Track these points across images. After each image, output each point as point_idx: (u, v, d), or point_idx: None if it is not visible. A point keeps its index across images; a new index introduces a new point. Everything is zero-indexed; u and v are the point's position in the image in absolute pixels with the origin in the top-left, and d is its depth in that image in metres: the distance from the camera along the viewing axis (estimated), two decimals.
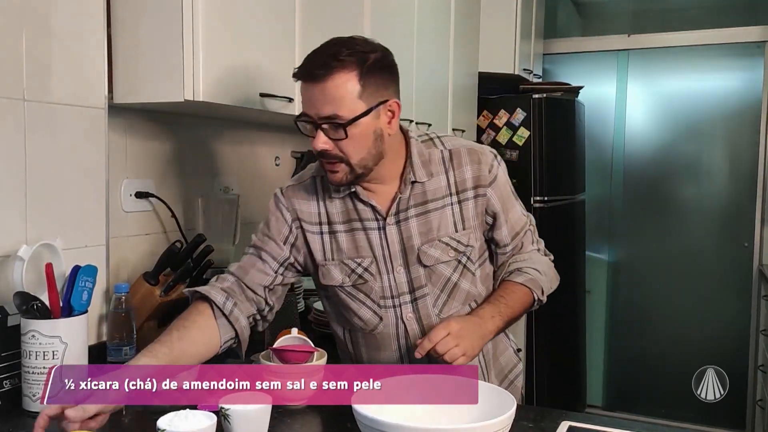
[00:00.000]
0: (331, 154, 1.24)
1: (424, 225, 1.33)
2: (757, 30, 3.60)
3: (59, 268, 1.35)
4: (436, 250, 1.32)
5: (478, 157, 1.35)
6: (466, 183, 1.34)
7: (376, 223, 1.33)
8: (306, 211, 1.37)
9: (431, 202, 1.33)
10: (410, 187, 1.32)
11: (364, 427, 1.01)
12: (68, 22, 1.45)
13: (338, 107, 1.19)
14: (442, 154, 1.35)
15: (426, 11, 2.67)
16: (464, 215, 1.34)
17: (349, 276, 1.34)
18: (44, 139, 1.42)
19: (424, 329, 1.34)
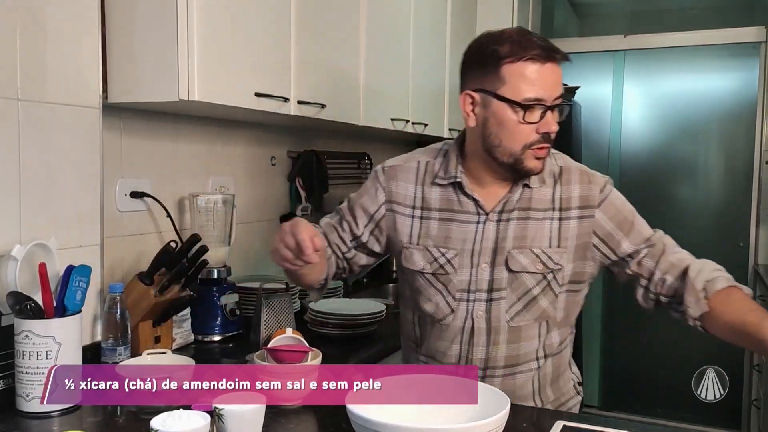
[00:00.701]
0: (551, 138, 1.25)
1: (521, 230, 1.30)
2: (753, 30, 3.60)
3: (53, 267, 1.34)
4: (525, 258, 1.29)
5: (589, 178, 1.32)
6: (571, 201, 1.30)
7: (476, 218, 1.31)
8: (402, 193, 1.37)
9: (533, 210, 1.30)
10: (521, 190, 1.30)
11: (358, 427, 1.01)
12: (62, 21, 1.45)
13: (561, 89, 1.25)
14: (552, 169, 1.32)
15: (422, 11, 2.67)
16: (562, 234, 1.30)
17: (431, 264, 1.33)
18: (38, 139, 1.41)
19: (491, 331, 1.31)
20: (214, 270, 1.83)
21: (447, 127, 2.97)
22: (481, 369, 1.32)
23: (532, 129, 1.22)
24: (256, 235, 2.29)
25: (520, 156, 1.24)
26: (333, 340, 1.83)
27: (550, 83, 1.22)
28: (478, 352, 1.32)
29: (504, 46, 1.22)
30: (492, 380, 1.32)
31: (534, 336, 1.33)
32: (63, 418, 1.24)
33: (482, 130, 1.27)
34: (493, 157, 1.27)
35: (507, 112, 1.22)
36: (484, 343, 1.32)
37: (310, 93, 1.90)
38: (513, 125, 1.22)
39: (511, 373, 1.33)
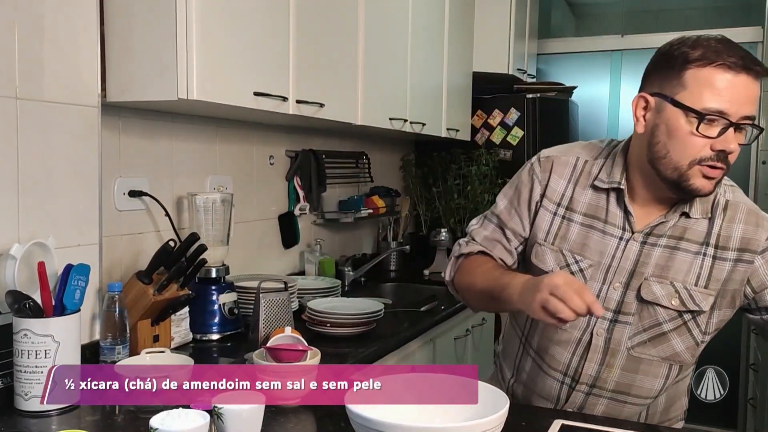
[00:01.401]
0: (728, 159, 1.11)
1: (665, 260, 1.20)
2: (750, 31, 3.61)
3: (52, 266, 1.34)
4: (661, 289, 1.19)
5: (757, 219, 1.19)
6: (730, 241, 1.18)
7: (621, 233, 1.22)
8: (553, 188, 1.28)
9: (685, 241, 1.20)
10: (677, 217, 1.20)
11: (357, 426, 1.01)
12: (61, 20, 1.45)
13: (754, 109, 1.10)
14: (718, 200, 1.20)
15: (420, 11, 2.67)
16: (712, 274, 1.18)
17: (562, 268, 1.24)
18: (37, 138, 1.41)
19: (608, 352, 1.24)
20: (213, 269, 1.83)
21: (445, 126, 2.98)
22: (589, 386, 1.26)
23: (706, 144, 1.10)
24: (255, 234, 2.29)
25: (686, 172, 1.12)
26: (332, 339, 1.83)
27: (739, 97, 1.08)
28: (589, 369, 1.26)
29: (696, 49, 1.10)
30: (597, 398, 1.27)
31: (658, 375, 1.25)
32: (62, 417, 1.24)
33: (650, 137, 1.16)
34: (656, 170, 1.16)
35: (680, 120, 1.11)
36: (597, 361, 1.25)
37: (308, 92, 1.90)
38: (684, 135, 1.10)
39: (620, 400, 1.27)
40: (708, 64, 1.08)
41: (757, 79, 1.09)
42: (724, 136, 1.09)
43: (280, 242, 2.43)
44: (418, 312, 2.24)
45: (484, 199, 3.18)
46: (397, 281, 2.90)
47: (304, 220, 2.55)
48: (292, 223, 2.45)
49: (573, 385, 1.28)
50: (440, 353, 2.30)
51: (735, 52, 1.08)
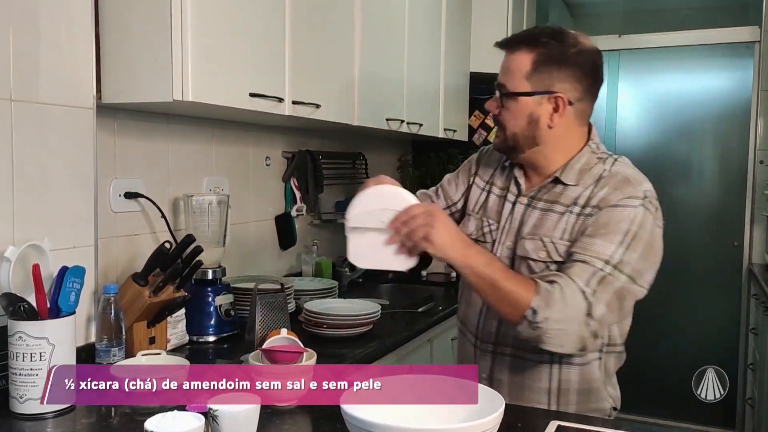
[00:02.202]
0: (496, 119, 1.35)
1: (540, 221, 1.33)
2: (747, 30, 3.61)
3: (47, 269, 1.34)
4: (531, 245, 1.31)
5: (624, 185, 1.26)
6: (592, 200, 1.28)
7: (514, 198, 1.39)
8: (485, 169, 1.49)
9: (559, 205, 1.31)
10: (552, 184, 1.34)
11: (352, 428, 1.00)
12: (56, 21, 1.44)
13: (507, 79, 1.31)
14: (602, 172, 1.31)
15: (417, 11, 2.67)
16: (575, 228, 1.27)
17: (477, 231, 1.42)
18: (32, 139, 1.41)
19: None
20: (209, 270, 1.83)
21: (442, 127, 2.97)
22: (492, 343, 1.37)
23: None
24: (251, 235, 2.29)
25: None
26: (328, 341, 1.83)
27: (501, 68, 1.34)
28: (490, 325, 1.37)
29: None
30: (503, 358, 1.36)
31: None
32: (57, 420, 1.24)
33: None
34: None
35: None
36: (497, 317, 1.35)
37: (304, 93, 1.90)
38: None
39: (520, 357, 1.34)
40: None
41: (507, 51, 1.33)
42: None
43: (277, 243, 2.43)
44: (415, 313, 2.24)
45: None
46: (394, 282, 2.90)
47: (301, 221, 2.55)
48: (289, 224, 2.45)
49: (482, 346, 1.39)
50: (437, 354, 2.29)
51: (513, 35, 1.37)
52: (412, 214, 1.20)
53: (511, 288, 1.20)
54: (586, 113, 1.35)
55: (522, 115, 1.30)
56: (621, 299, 1.23)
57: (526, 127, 1.30)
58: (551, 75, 1.27)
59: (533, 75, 1.27)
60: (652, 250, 1.26)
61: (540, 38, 1.29)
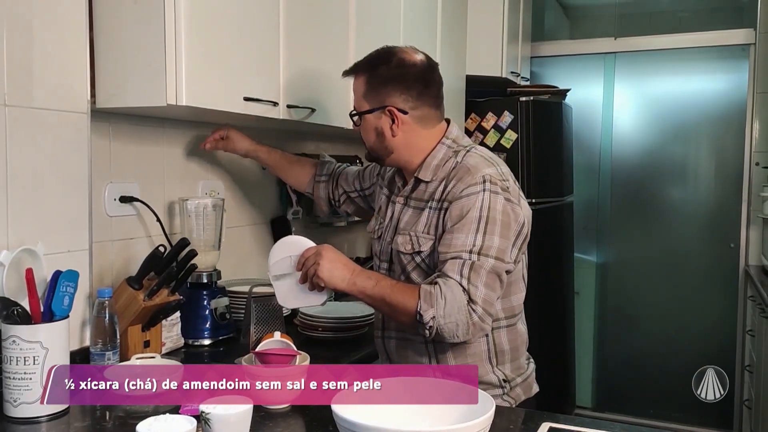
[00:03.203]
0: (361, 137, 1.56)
1: (410, 217, 1.50)
2: (742, 33, 3.63)
3: (40, 273, 1.34)
4: (401, 239, 1.48)
5: (465, 175, 1.41)
6: (446, 194, 1.42)
7: (393, 197, 1.58)
8: (384, 174, 1.68)
9: (423, 201, 1.48)
10: (413, 183, 1.51)
11: (342, 429, 1.01)
12: (50, 26, 1.45)
13: (354, 101, 1.54)
14: (455, 165, 1.45)
15: (413, 15, 2.68)
16: (431, 222, 1.44)
17: (373, 230, 1.62)
18: (26, 144, 1.41)
19: None
20: (204, 274, 1.84)
21: None
22: (381, 329, 1.56)
23: None
24: (246, 239, 2.29)
25: None
26: (323, 344, 1.83)
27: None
28: (379, 314, 1.56)
29: None
30: (390, 341, 1.55)
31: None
32: (51, 423, 1.25)
33: None
34: None
35: None
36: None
37: (299, 97, 1.91)
38: None
39: (403, 338, 1.52)
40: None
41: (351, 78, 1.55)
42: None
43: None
44: None
45: None
46: None
47: (298, 225, 2.55)
48: (285, 228, 2.45)
49: (379, 335, 1.57)
50: None
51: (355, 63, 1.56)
52: (305, 256, 1.42)
53: (399, 299, 1.35)
54: (430, 115, 1.51)
55: (370, 130, 1.52)
56: (497, 276, 1.36)
57: (376, 140, 1.51)
58: (380, 92, 1.48)
59: (368, 94, 1.49)
60: (509, 227, 1.38)
61: (371, 62, 1.50)
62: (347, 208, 1.91)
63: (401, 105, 1.48)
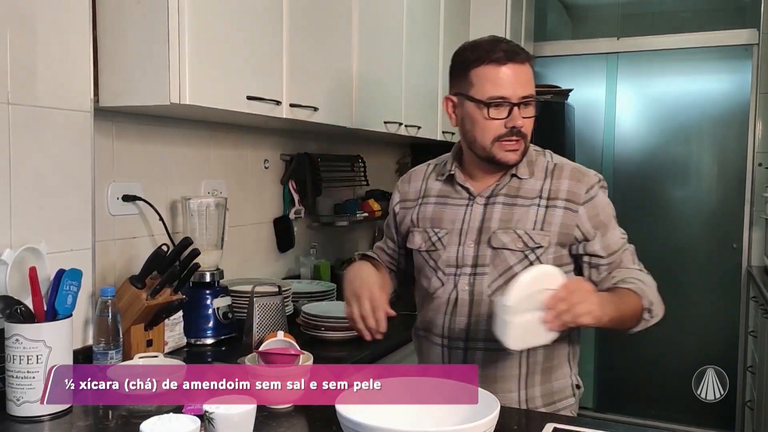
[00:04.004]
0: (521, 132, 1.37)
1: (506, 215, 1.41)
2: (745, 33, 3.62)
3: (43, 271, 1.34)
4: (507, 236, 1.39)
5: (579, 176, 1.41)
6: (559, 193, 1.39)
7: (466, 201, 1.45)
8: (409, 190, 1.56)
9: (521, 198, 1.41)
10: (508, 179, 1.42)
11: (346, 429, 1.01)
12: (53, 24, 1.45)
13: (531, 88, 1.38)
14: (548, 164, 1.44)
15: (415, 14, 2.67)
16: (546, 219, 1.39)
17: (426, 242, 1.47)
18: (29, 143, 1.41)
19: (473, 303, 1.40)
20: (207, 273, 1.83)
21: (440, 129, 2.98)
22: (463, 341, 1.41)
23: (500, 124, 1.35)
24: (249, 238, 2.29)
25: (491, 149, 1.38)
26: (326, 343, 1.83)
27: (512, 83, 1.34)
28: (459, 323, 1.41)
29: (474, 52, 1.37)
30: (474, 353, 1.40)
31: None
32: (54, 422, 1.25)
33: (461, 128, 1.43)
34: (473, 153, 1.42)
35: (476, 110, 1.37)
36: (466, 314, 1.40)
37: (302, 96, 1.91)
38: (481, 121, 1.37)
39: (494, 349, 1.34)
40: (482, 63, 1.35)
41: (523, 63, 1.36)
42: (511, 116, 1.35)
43: (275, 246, 2.43)
44: (413, 315, 2.23)
45: None
46: None
47: (300, 224, 2.55)
48: (288, 227, 2.45)
49: (451, 345, 1.43)
50: None
51: (501, 47, 1.35)
52: (570, 290, 1.18)
53: (629, 309, 1.30)
54: None
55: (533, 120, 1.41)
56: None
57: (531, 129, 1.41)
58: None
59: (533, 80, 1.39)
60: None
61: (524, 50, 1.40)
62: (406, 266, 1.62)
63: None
